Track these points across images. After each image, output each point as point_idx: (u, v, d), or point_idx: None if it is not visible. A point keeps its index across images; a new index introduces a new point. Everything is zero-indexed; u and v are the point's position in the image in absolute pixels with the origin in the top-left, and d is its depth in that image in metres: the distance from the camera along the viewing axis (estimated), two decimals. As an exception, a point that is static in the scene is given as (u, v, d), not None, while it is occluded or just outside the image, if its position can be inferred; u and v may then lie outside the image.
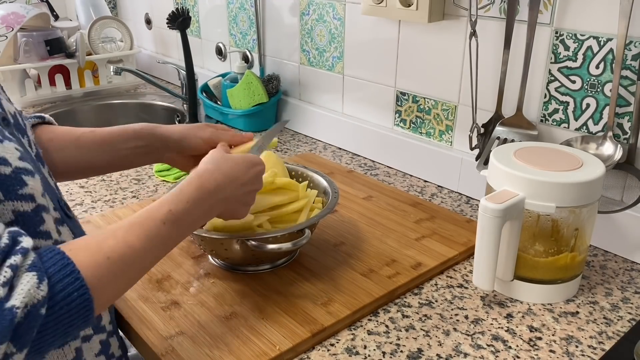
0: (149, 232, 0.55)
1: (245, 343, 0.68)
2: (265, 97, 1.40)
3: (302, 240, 0.74)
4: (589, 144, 0.88)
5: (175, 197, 0.59)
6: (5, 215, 0.50)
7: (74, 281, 0.47)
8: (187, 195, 0.60)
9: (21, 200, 0.51)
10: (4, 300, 0.43)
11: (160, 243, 0.56)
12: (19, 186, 0.51)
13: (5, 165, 0.50)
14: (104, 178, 1.16)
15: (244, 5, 1.51)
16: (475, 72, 0.97)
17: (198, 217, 0.61)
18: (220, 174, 0.64)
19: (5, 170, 0.50)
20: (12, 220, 0.50)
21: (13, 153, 0.51)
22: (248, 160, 0.69)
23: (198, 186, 0.61)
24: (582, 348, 0.70)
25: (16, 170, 0.51)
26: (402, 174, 1.19)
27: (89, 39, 1.73)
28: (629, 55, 0.83)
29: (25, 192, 0.51)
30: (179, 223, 0.58)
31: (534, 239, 0.76)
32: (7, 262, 0.44)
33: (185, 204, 0.59)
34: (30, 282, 0.44)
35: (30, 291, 0.44)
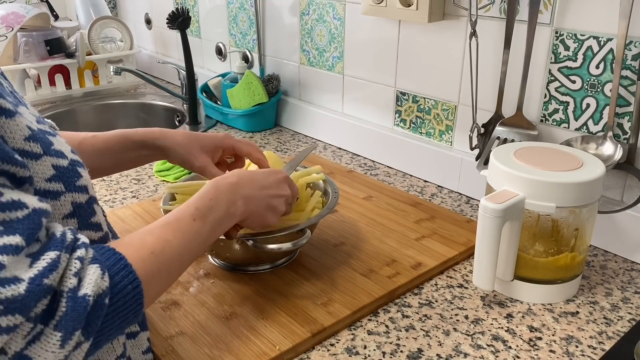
0: (182, 229, 0.58)
1: (245, 343, 0.68)
2: (265, 97, 1.40)
3: (302, 240, 0.74)
4: (589, 144, 0.88)
5: (198, 197, 0.63)
6: (65, 206, 0.51)
7: (128, 274, 0.49)
8: (209, 194, 0.64)
9: (78, 192, 0.52)
10: (77, 289, 0.45)
11: (194, 239, 0.59)
12: (76, 178, 0.52)
13: (63, 158, 0.51)
14: (104, 178, 1.16)
15: (244, 5, 1.51)
16: (475, 72, 0.97)
17: (223, 213, 0.64)
18: (236, 176, 0.69)
19: (64, 163, 0.51)
20: (70, 212, 0.52)
21: (66, 146, 0.53)
22: (267, 170, 0.73)
23: (216, 186, 0.65)
24: (582, 348, 0.70)
25: (72, 162, 0.52)
26: (402, 174, 1.19)
27: (89, 39, 1.73)
28: (629, 55, 0.83)
29: (81, 183, 0.53)
30: (207, 219, 0.61)
31: (534, 239, 0.76)
32: (75, 255, 0.46)
33: (209, 202, 0.63)
34: (95, 273, 0.46)
35: (97, 281, 0.46)
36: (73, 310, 0.44)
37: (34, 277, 0.42)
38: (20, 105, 0.51)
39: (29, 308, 0.41)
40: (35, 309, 0.42)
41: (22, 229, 0.43)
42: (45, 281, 0.43)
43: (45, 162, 0.49)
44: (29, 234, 0.43)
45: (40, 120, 0.53)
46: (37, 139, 0.49)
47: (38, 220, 0.45)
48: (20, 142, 0.47)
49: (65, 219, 0.51)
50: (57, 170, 0.50)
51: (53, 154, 0.50)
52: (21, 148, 0.47)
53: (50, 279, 0.43)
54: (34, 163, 0.48)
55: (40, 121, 0.52)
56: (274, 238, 0.75)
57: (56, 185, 0.50)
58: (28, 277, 0.42)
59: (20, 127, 0.47)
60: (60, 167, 0.51)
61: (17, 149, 0.47)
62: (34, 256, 0.44)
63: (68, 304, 0.44)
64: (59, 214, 0.51)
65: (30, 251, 0.44)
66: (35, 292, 0.42)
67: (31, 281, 0.42)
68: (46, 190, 0.49)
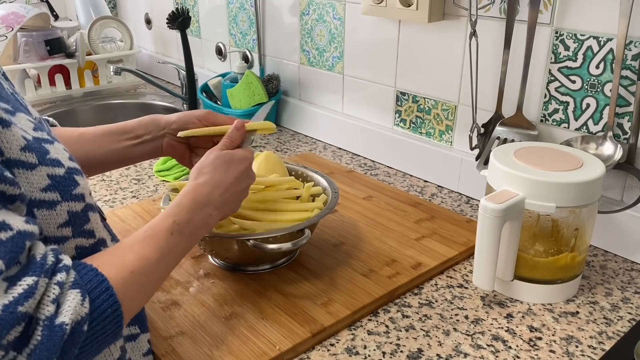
0: (160, 244, 0.57)
1: (245, 343, 0.68)
2: (265, 97, 1.40)
3: (302, 240, 0.74)
4: (589, 144, 0.88)
5: (175, 208, 0.62)
6: (61, 216, 0.50)
7: (108, 298, 0.48)
8: (186, 206, 0.62)
9: (74, 201, 0.51)
10: (54, 316, 0.43)
11: (172, 253, 0.58)
12: (73, 186, 0.51)
13: (59, 167, 0.50)
14: (104, 178, 1.16)
15: (244, 5, 1.51)
16: (475, 72, 0.97)
17: (199, 226, 0.63)
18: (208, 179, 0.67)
19: (60, 172, 0.50)
20: (65, 221, 0.51)
21: (63, 154, 0.52)
22: (235, 159, 0.70)
23: (193, 198, 0.64)
24: (582, 348, 0.70)
25: (69, 170, 0.51)
26: (402, 174, 1.19)
27: (89, 39, 1.73)
28: (629, 55, 0.83)
29: (78, 192, 0.52)
30: (184, 232, 0.60)
31: (534, 239, 0.76)
32: (54, 280, 0.45)
33: (186, 214, 0.61)
34: (75, 300, 0.45)
35: (76, 308, 0.45)
36: (49, 340, 0.42)
37: (7, 304, 0.41)
38: (18, 112, 0.50)
39: (1, 336, 0.40)
40: (7, 337, 0.41)
41: (3, 252, 0.42)
42: (20, 309, 0.41)
43: (40, 172, 0.48)
44: (10, 258, 0.42)
45: (38, 126, 0.52)
46: (32, 148, 0.48)
47: (21, 244, 0.44)
48: (16, 152, 0.46)
49: (59, 228, 0.51)
50: (52, 179, 0.49)
51: (49, 163, 0.49)
52: (17, 158, 0.46)
53: (26, 307, 0.42)
54: (29, 173, 0.47)
55: (38, 127, 0.52)
56: (274, 238, 0.75)
57: (52, 194, 0.49)
58: (2, 304, 0.41)
59: (16, 137, 0.46)
60: (56, 176, 0.50)
61: (13, 159, 0.46)
62: (11, 281, 0.42)
63: (44, 332, 0.42)
64: (54, 223, 0.50)
65: (8, 274, 0.43)
66: (8, 320, 0.40)
67: (5, 308, 0.41)
68: (41, 200, 0.48)
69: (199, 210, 0.63)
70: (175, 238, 0.59)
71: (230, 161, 0.69)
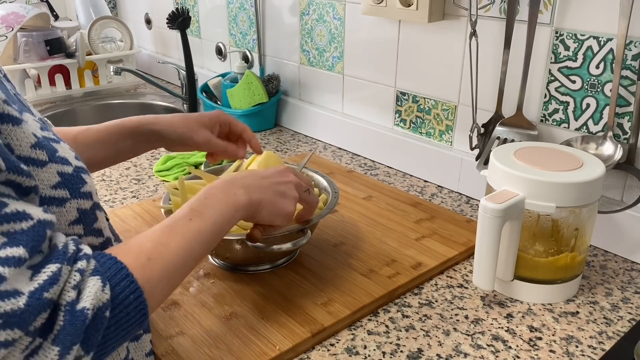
0: (179, 230, 0.56)
1: (245, 343, 0.68)
2: (265, 97, 1.40)
3: (302, 240, 0.74)
4: (589, 144, 0.88)
5: (192, 199, 0.61)
6: (71, 213, 0.51)
7: (130, 284, 0.48)
8: (203, 194, 0.61)
9: (83, 198, 0.52)
10: (75, 302, 0.44)
11: (194, 239, 0.57)
12: (81, 184, 0.52)
13: (67, 165, 0.51)
14: (104, 178, 1.16)
15: (244, 5, 1.51)
16: (475, 72, 0.97)
17: (223, 206, 0.61)
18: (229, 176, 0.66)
19: (68, 169, 0.51)
20: (76, 218, 0.51)
21: (70, 153, 0.53)
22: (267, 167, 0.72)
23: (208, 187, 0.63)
24: (582, 348, 0.70)
25: (76, 169, 0.52)
26: (402, 174, 1.19)
27: (89, 39, 1.73)
28: (629, 55, 0.83)
29: (86, 190, 0.52)
30: (204, 216, 0.58)
31: (534, 239, 0.76)
32: (75, 267, 0.46)
33: (204, 199, 0.60)
34: (96, 286, 0.45)
35: (97, 294, 0.45)
36: (71, 325, 0.43)
37: (34, 291, 0.41)
38: (24, 112, 0.51)
39: (28, 322, 0.41)
40: (34, 323, 0.41)
41: (25, 241, 0.42)
42: (46, 295, 0.42)
43: (50, 169, 0.49)
44: (33, 246, 0.43)
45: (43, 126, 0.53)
46: (43, 146, 0.49)
47: (42, 232, 0.44)
48: (26, 150, 0.47)
49: (71, 226, 0.51)
50: (62, 177, 0.50)
51: (58, 161, 0.50)
52: (27, 155, 0.47)
53: (51, 293, 0.42)
54: (40, 170, 0.48)
55: (44, 127, 0.52)
56: (274, 238, 0.75)
57: (61, 192, 0.50)
58: (28, 291, 0.41)
59: (27, 134, 0.47)
60: (65, 174, 0.50)
61: (24, 156, 0.47)
62: (35, 268, 0.43)
63: (66, 317, 0.43)
64: (64, 221, 0.51)
65: (32, 263, 0.43)
66: (35, 307, 0.41)
67: (31, 295, 0.41)
68: (52, 197, 0.49)
69: (217, 192, 0.62)
70: (195, 223, 0.57)
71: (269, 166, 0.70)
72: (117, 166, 1.22)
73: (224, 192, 0.62)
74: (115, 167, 1.22)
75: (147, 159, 1.27)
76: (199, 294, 0.78)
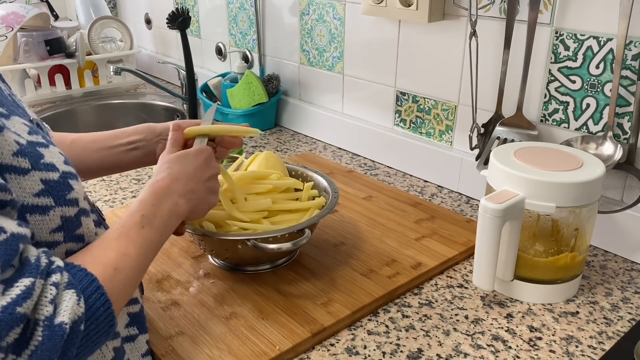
0: (135, 239, 0.57)
1: (245, 343, 0.68)
2: (265, 97, 1.40)
3: (302, 240, 0.74)
4: (589, 144, 0.88)
5: (139, 203, 0.61)
6: (54, 221, 0.50)
7: (100, 297, 0.48)
8: (149, 199, 0.62)
9: (68, 205, 0.51)
10: (53, 316, 0.43)
11: (148, 247, 0.58)
12: (67, 191, 0.51)
13: (53, 171, 0.50)
14: (104, 178, 1.16)
15: (244, 5, 1.51)
16: (475, 72, 0.97)
17: (167, 216, 0.62)
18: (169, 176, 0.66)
19: (54, 176, 0.50)
20: (58, 226, 0.51)
21: (59, 157, 0.52)
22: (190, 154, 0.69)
23: (152, 190, 0.63)
24: (582, 348, 0.70)
25: (63, 174, 0.51)
26: (402, 174, 1.19)
27: (89, 39, 1.73)
28: (629, 55, 0.83)
29: (72, 196, 0.52)
30: (154, 225, 0.60)
31: (534, 239, 0.76)
32: (50, 280, 0.45)
33: (151, 207, 0.61)
34: (72, 299, 0.45)
35: (74, 308, 0.45)
36: (50, 340, 0.42)
37: (6, 306, 0.41)
38: (13, 115, 0.50)
39: (1, 337, 0.40)
40: (7, 338, 0.41)
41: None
42: (19, 310, 0.41)
43: (33, 177, 0.48)
44: (5, 260, 0.42)
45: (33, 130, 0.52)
46: (26, 153, 0.48)
47: (15, 246, 0.43)
48: (8, 158, 0.46)
49: (52, 233, 0.51)
50: (46, 184, 0.49)
51: (42, 168, 0.49)
52: (9, 164, 0.46)
53: (24, 307, 0.42)
54: (22, 179, 0.47)
55: (33, 131, 0.51)
56: (274, 238, 0.75)
57: (45, 200, 0.49)
58: (0, 306, 0.41)
59: (9, 142, 0.46)
60: (50, 181, 0.50)
61: (5, 164, 0.46)
62: (7, 283, 0.42)
63: (45, 332, 0.42)
64: (46, 228, 0.50)
65: (4, 277, 0.42)
66: (7, 321, 0.40)
67: (3, 310, 0.40)
68: (34, 205, 0.48)
69: (162, 201, 0.62)
70: (147, 231, 0.58)
71: (185, 156, 0.69)
72: (117, 166, 1.22)
73: (167, 201, 0.63)
74: (115, 167, 1.22)
75: (147, 159, 1.26)
76: (199, 294, 0.78)
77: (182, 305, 0.76)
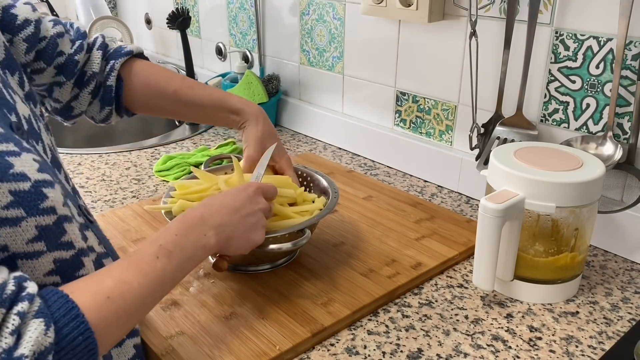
0: (144, 268, 0.55)
1: (245, 343, 0.68)
2: (265, 97, 1.40)
3: (302, 240, 0.74)
4: (589, 144, 0.88)
5: (163, 232, 0.60)
6: (29, 231, 0.49)
7: (79, 325, 0.46)
8: (174, 229, 0.60)
9: (43, 215, 0.49)
10: (13, 349, 0.42)
11: (158, 278, 0.56)
12: (40, 200, 0.49)
13: (24, 181, 0.48)
14: (104, 178, 1.16)
15: (244, 5, 1.51)
16: (475, 72, 0.97)
17: (191, 249, 0.60)
18: (203, 206, 0.65)
19: (24, 186, 0.48)
20: (35, 236, 0.49)
21: (32, 165, 0.50)
22: (235, 190, 0.70)
23: (182, 220, 0.62)
24: (582, 348, 0.70)
25: (35, 184, 0.49)
26: (402, 174, 1.19)
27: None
28: (629, 55, 0.83)
29: (47, 205, 0.50)
30: (172, 256, 0.57)
31: (534, 239, 0.76)
32: (14, 310, 0.43)
33: (174, 237, 0.59)
34: (37, 330, 0.43)
35: (38, 339, 0.43)
36: None
37: None
38: None
39: None
40: None
41: None
42: None
43: (0, 189, 0.46)
44: None
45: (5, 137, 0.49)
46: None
47: None
48: None
49: (30, 244, 0.49)
50: (15, 195, 0.47)
51: (11, 179, 0.47)
52: None
53: None
54: None
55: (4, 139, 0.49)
56: (274, 238, 0.75)
57: (15, 211, 0.47)
58: None
59: None
60: (20, 192, 0.48)
61: None
62: None
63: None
64: (21, 240, 0.48)
65: None
66: None
67: None
68: (3, 218, 0.46)
69: (189, 231, 0.61)
70: (161, 262, 0.56)
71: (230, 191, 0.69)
72: (117, 166, 1.22)
73: (195, 232, 0.61)
74: (115, 167, 1.22)
75: (147, 159, 1.27)
76: (199, 294, 0.78)
77: (182, 305, 0.76)
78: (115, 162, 1.25)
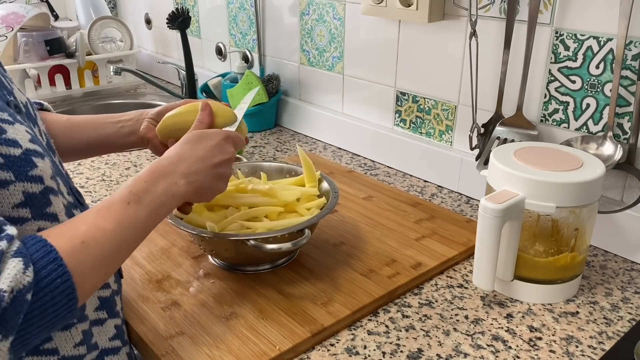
0: (116, 214, 0.55)
1: (245, 343, 0.68)
2: (265, 97, 1.40)
3: (302, 240, 0.74)
4: (589, 144, 0.88)
5: (133, 180, 0.60)
6: (16, 196, 0.51)
7: (57, 267, 0.47)
8: (144, 176, 0.61)
9: (31, 182, 0.51)
10: None
11: (131, 224, 0.56)
12: (29, 167, 0.51)
13: (15, 147, 0.50)
14: (104, 178, 1.16)
15: (244, 5, 1.51)
16: (475, 72, 0.97)
17: (161, 195, 0.60)
18: (173, 153, 0.65)
19: (15, 152, 0.50)
20: (21, 201, 0.51)
21: (24, 135, 0.52)
22: (206, 134, 0.69)
23: (152, 167, 0.62)
24: (582, 348, 0.70)
25: (26, 151, 0.51)
26: (402, 174, 1.19)
27: (89, 39, 1.73)
28: (629, 55, 0.83)
29: (35, 173, 0.52)
30: (143, 202, 0.58)
31: (534, 239, 0.76)
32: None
33: (144, 184, 0.59)
34: (16, 268, 0.44)
35: (17, 276, 0.44)
36: None
37: None
38: None
39: None
40: None
41: None
42: None
43: None
44: None
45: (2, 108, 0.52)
46: None
47: None
48: None
49: (15, 208, 0.51)
50: (6, 159, 0.49)
51: (2, 143, 0.49)
52: None
53: None
54: None
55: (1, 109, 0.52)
56: (274, 238, 0.75)
57: (4, 174, 0.49)
58: None
59: None
60: (11, 156, 0.50)
61: None
62: None
63: None
64: (7, 203, 0.50)
65: None
66: None
67: None
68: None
69: (159, 179, 0.61)
70: (132, 208, 0.57)
71: (200, 136, 0.68)
72: (117, 166, 1.22)
73: (165, 180, 0.61)
74: (115, 167, 1.22)
75: (147, 159, 1.27)
76: (199, 294, 0.78)
77: (182, 305, 0.76)
78: (115, 162, 1.25)
